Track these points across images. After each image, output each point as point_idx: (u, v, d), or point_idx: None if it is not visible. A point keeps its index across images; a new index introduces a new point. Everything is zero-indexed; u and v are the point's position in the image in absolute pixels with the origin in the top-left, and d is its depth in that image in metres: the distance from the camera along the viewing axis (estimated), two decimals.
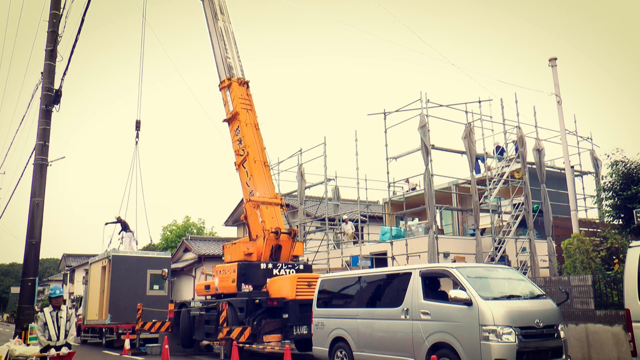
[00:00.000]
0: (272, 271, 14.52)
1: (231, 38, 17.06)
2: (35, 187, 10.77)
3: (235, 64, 16.72)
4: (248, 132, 15.94)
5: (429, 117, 16.30)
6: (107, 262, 20.27)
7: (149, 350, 17.11)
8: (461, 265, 9.50)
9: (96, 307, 21.10)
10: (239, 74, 16.65)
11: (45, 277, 70.32)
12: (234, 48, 16.98)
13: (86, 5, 10.61)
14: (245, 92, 16.50)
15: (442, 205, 17.94)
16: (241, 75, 16.70)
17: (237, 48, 17.10)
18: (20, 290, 10.91)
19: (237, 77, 16.53)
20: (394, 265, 16.34)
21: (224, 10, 17.32)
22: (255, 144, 15.88)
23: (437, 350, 8.28)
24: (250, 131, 15.99)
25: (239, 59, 17.00)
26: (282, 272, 14.58)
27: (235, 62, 16.76)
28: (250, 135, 15.92)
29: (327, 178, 21.51)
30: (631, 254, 7.67)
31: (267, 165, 15.89)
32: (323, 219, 21.66)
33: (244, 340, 13.31)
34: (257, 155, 15.72)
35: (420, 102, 16.39)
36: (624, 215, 12.92)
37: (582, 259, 12.09)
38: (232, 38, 17.08)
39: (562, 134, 15.19)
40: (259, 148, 15.88)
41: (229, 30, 17.13)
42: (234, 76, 16.45)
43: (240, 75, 16.65)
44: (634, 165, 12.94)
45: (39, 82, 11.71)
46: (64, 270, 54.92)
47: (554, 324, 8.22)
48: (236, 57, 16.87)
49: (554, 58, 15.07)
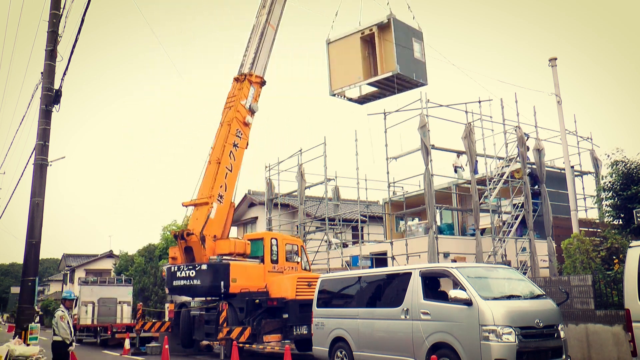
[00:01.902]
0: (176, 274, 14.65)
1: (254, 35, 16.57)
2: (35, 187, 10.76)
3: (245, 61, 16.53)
4: (217, 131, 15.89)
5: (429, 117, 16.30)
6: None
7: (149, 350, 17.12)
8: (461, 265, 9.51)
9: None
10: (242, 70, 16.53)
11: (45, 277, 70.25)
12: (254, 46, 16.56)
13: (86, 5, 10.58)
14: (236, 89, 16.27)
15: (442, 205, 17.94)
16: (239, 71, 16.57)
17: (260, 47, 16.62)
18: (20, 290, 10.90)
19: (239, 73, 16.45)
20: (394, 265, 16.34)
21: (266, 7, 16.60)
22: (216, 143, 15.73)
23: (437, 350, 8.28)
24: (219, 130, 15.88)
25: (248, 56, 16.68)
26: (182, 273, 14.53)
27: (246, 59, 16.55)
28: (217, 134, 15.85)
29: (327, 178, 21.51)
30: (631, 254, 7.67)
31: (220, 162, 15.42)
32: (323, 219, 21.67)
33: (244, 340, 13.32)
34: (212, 155, 15.62)
35: (420, 102, 16.40)
36: (624, 215, 12.92)
37: (582, 259, 12.09)
38: (257, 36, 16.52)
39: (562, 134, 15.19)
40: (215, 146, 15.69)
41: (257, 27, 16.59)
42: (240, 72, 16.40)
43: (242, 71, 16.51)
44: (634, 165, 12.94)
45: (39, 82, 11.69)
46: (64, 270, 54.90)
47: (554, 324, 8.22)
48: (250, 54, 16.50)
49: (554, 58, 15.07)
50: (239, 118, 15.82)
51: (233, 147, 15.66)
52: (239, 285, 14.24)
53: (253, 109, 16.24)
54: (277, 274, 15.31)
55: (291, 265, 15.92)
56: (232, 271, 14.13)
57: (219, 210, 15.11)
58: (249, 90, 16.24)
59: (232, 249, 14.76)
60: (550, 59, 15.10)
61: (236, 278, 14.17)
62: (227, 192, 15.39)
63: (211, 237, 14.71)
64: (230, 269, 14.09)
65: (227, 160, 15.48)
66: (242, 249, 15.06)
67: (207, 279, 13.97)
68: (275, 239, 15.90)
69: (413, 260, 16.00)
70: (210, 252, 14.52)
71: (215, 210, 14.98)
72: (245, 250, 15.14)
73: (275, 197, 24.34)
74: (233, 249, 14.78)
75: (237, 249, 14.86)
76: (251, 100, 16.16)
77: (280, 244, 15.84)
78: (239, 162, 15.91)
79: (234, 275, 14.15)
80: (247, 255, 15.21)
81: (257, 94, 16.43)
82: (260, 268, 15.15)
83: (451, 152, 18.35)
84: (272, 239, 15.80)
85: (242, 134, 15.98)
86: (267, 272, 15.16)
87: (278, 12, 16.80)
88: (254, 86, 16.25)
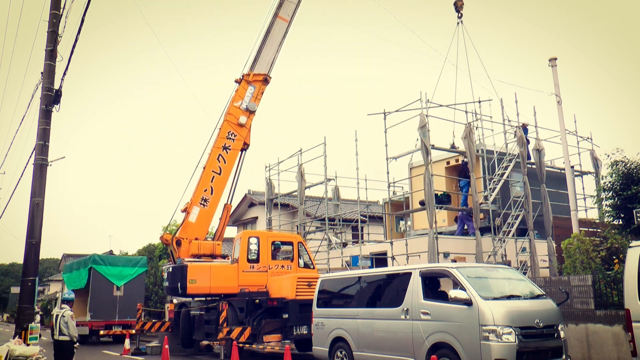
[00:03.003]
0: (163, 274, 15.96)
1: (260, 33, 16.54)
2: (35, 187, 10.76)
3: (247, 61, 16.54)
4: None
5: (429, 117, 16.29)
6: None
7: (149, 350, 17.12)
8: (461, 265, 9.50)
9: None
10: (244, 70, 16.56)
11: (45, 277, 70.24)
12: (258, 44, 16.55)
13: (86, 5, 10.58)
14: (234, 90, 16.33)
15: (442, 205, 17.92)
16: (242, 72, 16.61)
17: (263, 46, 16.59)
18: (20, 290, 10.90)
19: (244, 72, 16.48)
20: (394, 265, 16.33)
21: (281, 6, 16.54)
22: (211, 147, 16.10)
23: (437, 350, 8.28)
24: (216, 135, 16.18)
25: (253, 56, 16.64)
26: (164, 274, 15.93)
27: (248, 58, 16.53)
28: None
29: (327, 178, 21.49)
30: (631, 254, 7.67)
31: (205, 167, 15.82)
32: (323, 219, 21.66)
33: (244, 340, 13.33)
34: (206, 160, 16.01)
35: (420, 102, 16.38)
36: (624, 215, 12.92)
37: (582, 259, 12.09)
38: (262, 33, 16.49)
39: (562, 134, 15.18)
40: (205, 150, 16.10)
41: (264, 24, 16.58)
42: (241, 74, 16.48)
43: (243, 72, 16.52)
44: (634, 165, 12.93)
45: (39, 82, 11.69)
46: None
47: (554, 324, 8.22)
48: (253, 52, 16.51)
49: (554, 58, 15.06)
50: (232, 120, 15.93)
51: (223, 150, 15.81)
52: (199, 286, 14.55)
53: (249, 108, 16.19)
54: (260, 273, 15.18)
55: (281, 263, 15.71)
56: (190, 272, 14.51)
57: (202, 213, 15.57)
58: (245, 90, 16.25)
59: (198, 250, 15.33)
60: (550, 59, 15.09)
61: (195, 279, 14.50)
62: (213, 195, 15.75)
63: (188, 240, 15.15)
64: (187, 270, 14.50)
65: (214, 164, 15.76)
66: (210, 250, 15.59)
67: (170, 280, 15.10)
68: (256, 237, 15.67)
69: (413, 260, 15.98)
70: (185, 254, 15.16)
71: (197, 214, 15.44)
72: (214, 251, 15.64)
73: (275, 197, 24.33)
74: (197, 250, 15.31)
75: (203, 250, 15.41)
76: (249, 100, 16.15)
77: (263, 242, 15.54)
78: (230, 165, 16.00)
79: (192, 276, 14.49)
80: (215, 256, 15.64)
81: (258, 92, 16.37)
82: (232, 268, 15.14)
83: (451, 152, 18.33)
84: (251, 238, 15.58)
85: (236, 135, 15.98)
86: (242, 272, 15.08)
87: (293, 5, 16.67)
88: (254, 85, 16.22)
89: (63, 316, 9.59)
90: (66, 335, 9.52)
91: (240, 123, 16.00)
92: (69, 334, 9.53)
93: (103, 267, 21.41)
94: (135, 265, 22.43)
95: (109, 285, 21.28)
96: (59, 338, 9.55)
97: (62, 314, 9.62)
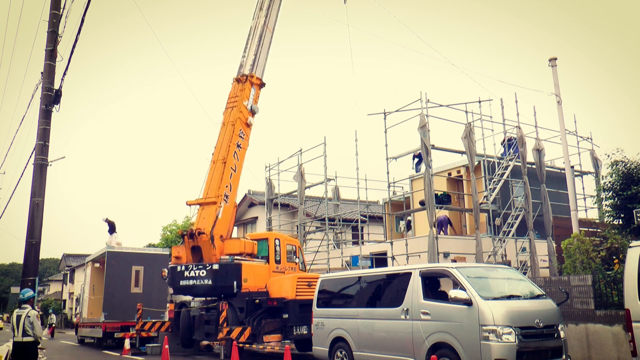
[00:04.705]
0: (183, 273, 14.47)
1: (253, 37, 16.55)
2: (35, 187, 10.76)
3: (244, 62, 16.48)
4: (220, 132, 15.88)
5: (429, 117, 16.30)
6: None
7: (149, 350, 17.11)
8: (461, 265, 9.50)
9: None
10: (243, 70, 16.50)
11: (45, 277, 70.32)
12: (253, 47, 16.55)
13: (86, 5, 10.58)
14: (237, 90, 16.22)
15: (442, 205, 17.93)
16: (238, 72, 16.53)
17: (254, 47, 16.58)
18: (20, 291, 10.90)
19: (239, 74, 16.41)
20: (394, 265, 16.34)
21: (264, 9, 16.60)
22: (220, 143, 15.70)
23: (437, 350, 8.27)
24: (221, 131, 15.85)
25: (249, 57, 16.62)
26: (191, 273, 14.37)
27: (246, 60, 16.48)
28: (220, 134, 15.84)
29: (327, 178, 21.51)
30: (631, 254, 7.67)
31: (225, 162, 15.34)
32: (323, 219, 21.66)
33: (244, 340, 13.31)
34: (216, 155, 15.61)
35: (420, 102, 16.40)
36: (624, 215, 12.92)
37: (582, 259, 12.09)
38: (256, 38, 16.51)
39: (562, 134, 15.18)
40: (220, 146, 15.63)
41: (256, 29, 16.58)
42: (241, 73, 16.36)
43: (242, 72, 16.48)
44: (634, 165, 12.94)
45: (39, 82, 11.70)
46: (64, 270, 54.92)
47: (554, 324, 8.21)
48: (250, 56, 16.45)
49: (554, 58, 15.07)
50: (242, 119, 15.89)
51: (237, 147, 15.71)
52: (249, 285, 14.37)
53: (254, 110, 16.25)
54: (279, 274, 15.35)
55: (291, 265, 15.97)
56: (244, 271, 14.30)
57: (225, 210, 15.19)
58: (250, 91, 16.23)
59: (242, 248, 14.84)
60: (550, 59, 15.10)
61: (247, 278, 14.32)
62: (231, 192, 15.47)
63: (218, 236, 14.79)
64: (242, 269, 14.25)
65: (232, 160, 15.52)
66: (251, 249, 15.19)
67: (219, 279, 13.99)
68: (278, 239, 15.97)
69: (413, 260, 15.99)
70: (219, 251, 14.57)
71: (222, 210, 15.06)
72: (254, 251, 15.24)
73: (275, 197, 24.35)
74: (243, 249, 14.87)
75: (247, 249, 14.97)
76: (252, 102, 16.17)
77: (282, 244, 15.90)
78: (241, 163, 15.96)
79: (246, 275, 14.31)
80: (254, 256, 15.32)
81: (257, 95, 16.44)
82: (266, 268, 15.23)
83: (451, 152, 18.33)
84: (276, 239, 15.88)
85: (245, 134, 16.01)
86: (272, 272, 15.22)
87: (274, 15, 16.83)
88: (254, 87, 16.27)
89: (28, 316, 9.03)
90: (31, 336, 8.99)
91: (248, 123, 16.06)
92: (34, 334, 9.00)
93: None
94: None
95: (126, 282, 19.41)
96: (22, 339, 8.96)
97: (26, 313, 9.05)
